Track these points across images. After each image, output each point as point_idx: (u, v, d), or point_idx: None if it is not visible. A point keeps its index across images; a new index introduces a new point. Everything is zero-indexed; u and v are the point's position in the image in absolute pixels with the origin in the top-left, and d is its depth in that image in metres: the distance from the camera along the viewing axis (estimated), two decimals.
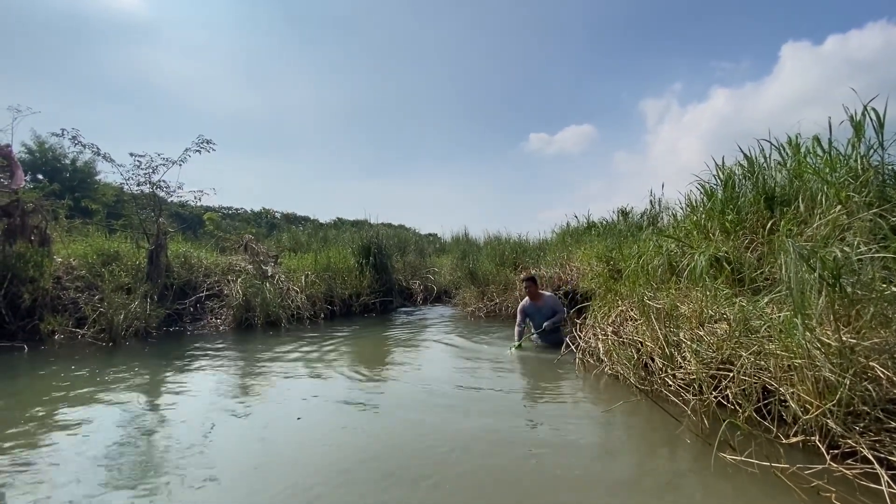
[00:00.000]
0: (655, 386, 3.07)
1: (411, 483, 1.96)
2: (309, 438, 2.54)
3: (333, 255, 8.98)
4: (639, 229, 7.79)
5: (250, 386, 3.66)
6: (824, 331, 2.10)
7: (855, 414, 1.97)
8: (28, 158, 21.61)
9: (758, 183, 4.31)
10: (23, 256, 5.73)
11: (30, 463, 2.19)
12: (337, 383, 3.63)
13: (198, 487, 1.93)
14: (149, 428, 2.67)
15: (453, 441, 2.42)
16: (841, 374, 1.89)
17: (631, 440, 2.48)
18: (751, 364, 2.41)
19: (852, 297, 2.10)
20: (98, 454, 2.28)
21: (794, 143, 4.38)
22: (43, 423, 2.74)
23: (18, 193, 6.17)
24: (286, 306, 7.12)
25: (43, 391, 3.45)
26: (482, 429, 2.61)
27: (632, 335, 3.62)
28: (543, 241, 9.58)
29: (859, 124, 3.62)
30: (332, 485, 1.95)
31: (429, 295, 10.76)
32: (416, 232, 18.65)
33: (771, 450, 2.07)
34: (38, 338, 5.44)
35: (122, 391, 3.43)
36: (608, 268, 5.45)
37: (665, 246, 4.54)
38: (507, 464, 2.16)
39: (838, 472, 1.82)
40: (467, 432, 2.56)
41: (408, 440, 2.48)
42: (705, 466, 2.02)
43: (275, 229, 18.26)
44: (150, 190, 6.94)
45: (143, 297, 5.99)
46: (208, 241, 9.54)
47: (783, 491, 1.77)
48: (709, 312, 3.15)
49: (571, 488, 1.93)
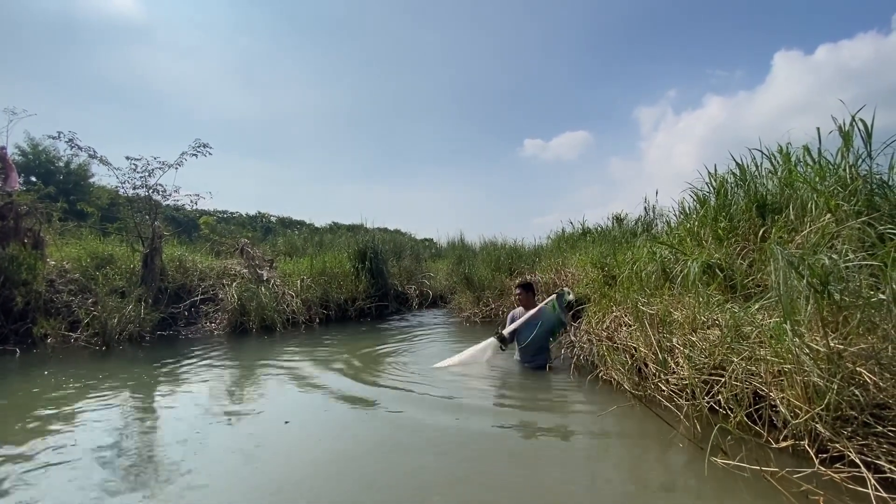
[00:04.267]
0: (649, 391, 3.10)
1: (393, 486, 1.98)
2: (297, 442, 2.54)
3: (329, 259, 8.98)
4: (633, 235, 7.86)
5: (243, 390, 3.65)
6: (813, 337, 2.15)
7: (843, 418, 2.00)
8: (22, 161, 21.45)
9: (749, 191, 4.38)
10: (16, 259, 5.69)
11: (20, 467, 2.17)
12: (329, 388, 3.62)
13: (185, 489, 1.93)
14: (139, 432, 2.67)
15: (444, 444, 2.44)
16: (829, 379, 1.92)
17: (624, 444, 2.50)
18: (742, 369, 2.44)
19: (840, 303, 2.15)
20: (89, 457, 2.27)
21: (784, 152, 4.47)
22: (34, 428, 2.72)
23: (12, 196, 6.14)
24: (281, 311, 7.10)
25: (34, 395, 3.43)
26: (473, 432, 2.63)
27: (626, 341, 3.65)
28: (539, 246, 9.63)
29: (847, 134, 3.70)
30: (317, 490, 1.96)
31: (424, 300, 10.77)
32: (412, 237, 18.67)
33: (761, 454, 2.11)
34: (31, 341, 5.40)
35: (115, 395, 3.41)
36: (602, 274, 5.48)
37: (658, 252, 4.60)
38: (499, 467, 2.18)
39: (827, 476, 1.85)
40: (458, 435, 2.57)
41: (397, 442, 2.49)
42: (698, 470, 2.05)
43: (270, 233, 18.23)
44: (145, 193, 6.93)
45: (137, 300, 5.96)
46: (203, 245, 9.51)
47: (773, 495, 1.80)
48: (701, 318, 3.19)
49: (564, 491, 1.95)
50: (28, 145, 22.35)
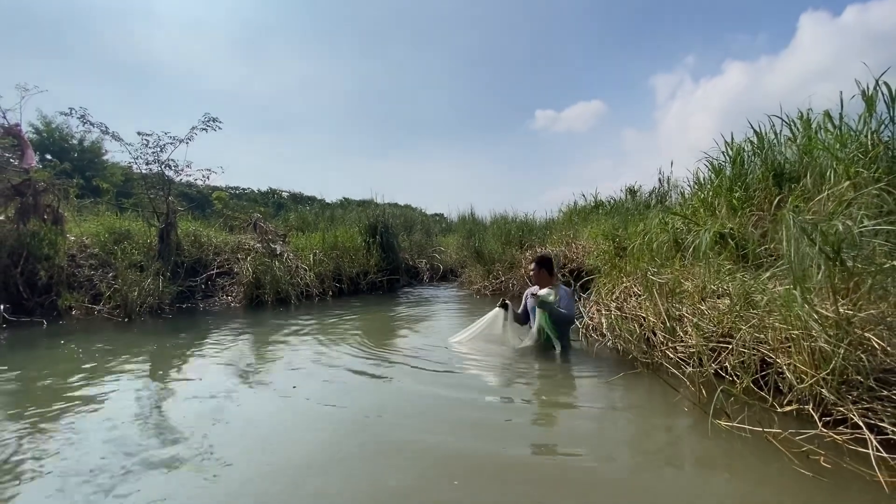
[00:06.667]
0: (657, 359, 3.14)
1: (398, 450, 2.07)
2: (310, 412, 2.64)
3: (341, 234, 9.06)
4: (646, 207, 7.77)
5: (260, 360, 3.79)
6: (823, 303, 2.14)
7: (848, 383, 2.02)
8: (36, 138, 21.71)
9: (767, 159, 4.28)
10: (37, 235, 5.86)
11: (46, 435, 2.26)
12: (342, 358, 3.72)
13: (206, 459, 2.04)
14: (158, 400, 2.79)
15: (448, 413, 2.52)
16: (836, 344, 1.93)
17: (631, 408, 2.57)
18: (750, 337, 2.46)
19: (853, 270, 2.13)
20: (112, 426, 2.35)
21: (804, 118, 4.32)
22: (60, 396, 2.85)
23: (30, 173, 6.27)
24: (295, 284, 7.25)
25: (61, 364, 3.60)
26: (476, 401, 2.71)
27: (635, 310, 3.68)
28: (550, 220, 9.58)
29: (871, 98, 3.56)
30: (327, 462, 2.06)
31: (435, 273, 10.87)
32: (423, 212, 18.69)
33: (766, 417, 2.14)
34: (56, 313, 5.62)
35: (137, 365, 3.57)
36: (613, 245, 5.47)
37: (671, 223, 4.55)
38: (505, 434, 2.26)
39: (829, 438, 1.89)
40: (462, 404, 2.63)
41: (405, 412, 2.58)
42: (702, 432, 2.10)
43: (282, 209, 18.35)
44: (158, 169, 7.00)
45: (155, 274, 6.12)
46: (217, 221, 9.65)
47: (774, 454, 1.85)
48: (711, 287, 3.19)
49: (576, 444, 2.06)
50: (41, 123, 22.58)
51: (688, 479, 1.79)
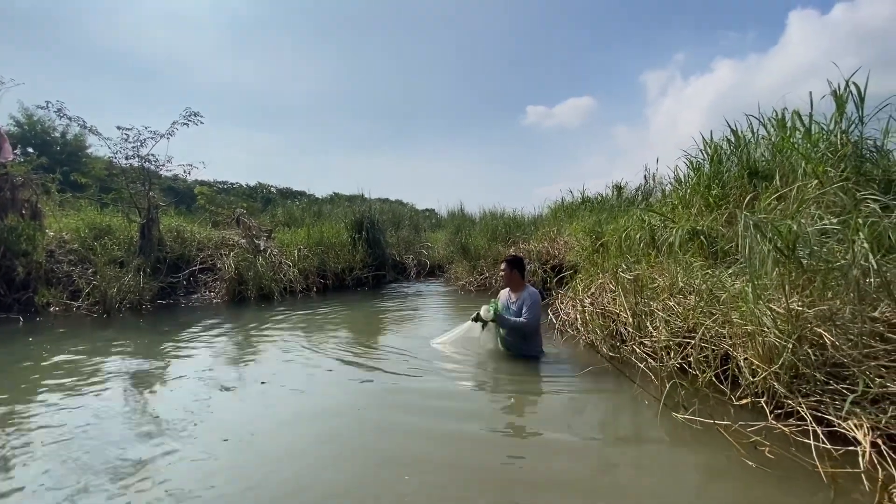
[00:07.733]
0: (625, 354, 3.20)
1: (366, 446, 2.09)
2: (279, 405, 2.66)
3: (326, 229, 9.03)
4: (631, 204, 7.84)
5: (237, 356, 3.79)
6: (779, 299, 2.20)
7: (802, 377, 2.08)
8: (18, 132, 21.28)
9: (742, 158, 4.34)
10: (14, 230, 5.77)
11: (21, 433, 2.26)
12: (322, 354, 3.74)
13: (184, 460, 2.05)
14: (135, 398, 2.79)
15: (422, 405, 2.56)
16: (785, 339, 1.99)
17: (595, 401, 2.63)
18: (714, 332, 2.52)
19: (807, 267, 2.19)
20: (88, 424, 2.37)
21: (779, 118, 4.39)
22: (35, 393, 2.84)
23: (7, 167, 6.16)
24: (279, 280, 7.22)
25: (37, 361, 3.57)
26: (451, 392, 2.75)
27: (608, 306, 3.73)
28: (538, 216, 9.63)
29: (841, 99, 3.63)
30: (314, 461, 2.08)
31: (422, 269, 10.88)
32: (413, 207, 18.65)
33: (722, 410, 2.20)
34: (34, 310, 5.55)
35: (115, 362, 3.55)
36: (593, 241, 5.52)
37: (647, 220, 4.61)
38: (479, 424, 2.30)
39: (777, 430, 1.95)
40: (445, 394, 2.69)
41: (381, 402, 2.61)
42: (656, 424, 2.16)
43: (270, 204, 18.21)
44: (139, 163, 6.92)
45: (136, 270, 6.07)
46: (201, 216, 9.56)
47: (723, 445, 1.91)
48: (680, 284, 3.24)
49: (541, 438, 2.13)
50: (23, 116, 22.12)
51: (631, 471, 1.84)
